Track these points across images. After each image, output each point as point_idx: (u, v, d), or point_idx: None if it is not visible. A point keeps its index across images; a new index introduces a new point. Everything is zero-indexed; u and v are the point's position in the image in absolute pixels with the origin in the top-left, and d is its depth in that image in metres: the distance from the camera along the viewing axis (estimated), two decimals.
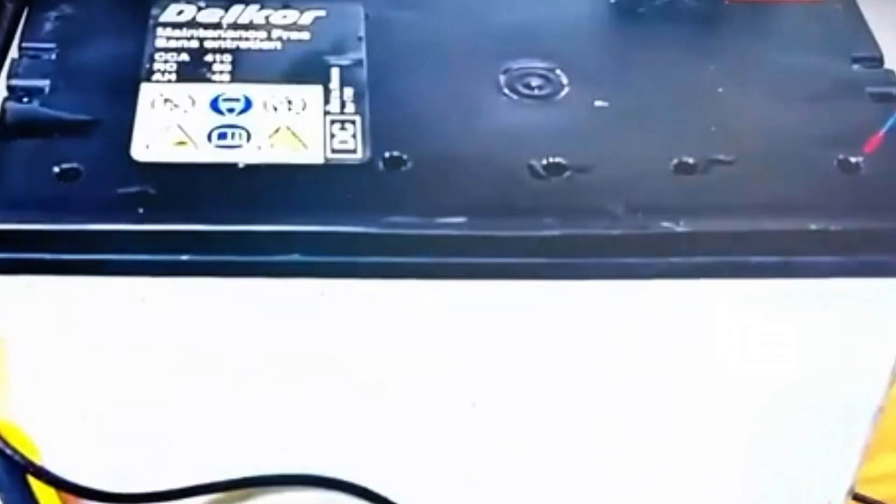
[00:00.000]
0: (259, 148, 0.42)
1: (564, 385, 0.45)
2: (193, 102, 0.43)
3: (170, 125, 0.42)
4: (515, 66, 0.45)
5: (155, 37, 0.45)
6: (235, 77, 0.44)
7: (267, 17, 0.46)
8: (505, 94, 0.44)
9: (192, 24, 0.46)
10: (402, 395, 0.44)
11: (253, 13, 0.46)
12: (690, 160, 0.43)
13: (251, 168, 0.41)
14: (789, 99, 0.45)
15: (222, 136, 0.42)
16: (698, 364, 0.44)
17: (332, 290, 0.42)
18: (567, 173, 0.42)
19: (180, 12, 0.46)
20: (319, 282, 0.41)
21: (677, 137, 0.43)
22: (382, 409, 0.45)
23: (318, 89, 0.44)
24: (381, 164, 0.42)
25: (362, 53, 0.45)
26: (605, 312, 0.43)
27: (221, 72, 0.44)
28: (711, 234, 0.41)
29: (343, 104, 0.43)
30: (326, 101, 0.44)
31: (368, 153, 0.42)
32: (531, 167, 0.42)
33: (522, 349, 0.44)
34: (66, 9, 0.46)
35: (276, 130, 0.43)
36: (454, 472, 0.47)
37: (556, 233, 0.41)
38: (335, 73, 0.44)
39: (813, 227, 0.41)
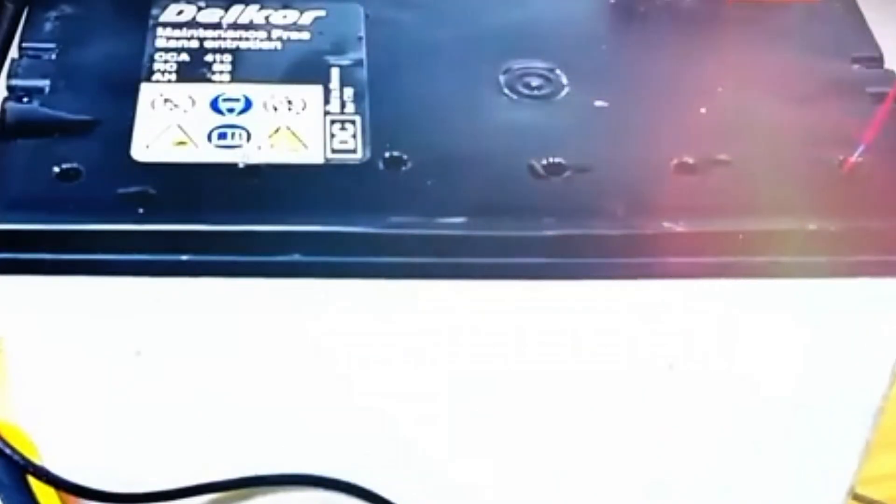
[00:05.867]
0: (259, 148, 0.42)
1: (564, 384, 0.45)
2: (193, 102, 0.43)
3: (170, 125, 0.42)
4: (515, 66, 0.45)
5: (155, 37, 0.45)
6: (235, 77, 0.44)
7: (267, 17, 0.46)
8: (505, 94, 0.44)
9: (192, 24, 0.46)
10: (401, 395, 0.44)
11: (253, 13, 0.46)
12: (690, 160, 0.43)
13: (251, 168, 0.41)
14: (789, 99, 0.45)
15: (222, 135, 0.42)
16: (698, 364, 0.44)
17: (332, 290, 0.42)
18: (567, 173, 0.42)
19: (180, 12, 0.46)
20: (319, 282, 0.41)
21: (677, 137, 0.43)
22: (382, 409, 0.45)
23: (318, 89, 0.44)
24: (381, 164, 0.42)
25: (362, 53, 0.45)
26: (605, 312, 0.43)
27: (221, 72, 0.44)
28: (711, 234, 0.41)
29: (343, 104, 0.43)
30: (326, 101, 0.44)
31: (368, 153, 0.42)
32: (531, 167, 0.42)
33: (522, 349, 0.44)
34: (66, 9, 0.46)
35: (276, 130, 0.43)
36: (454, 471, 0.47)
37: (556, 233, 0.41)
38: (335, 73, 0.44)
39: (812, 227, 0.41)
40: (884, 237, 0.42)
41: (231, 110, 0.43)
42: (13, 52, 0.44)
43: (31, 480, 0.45)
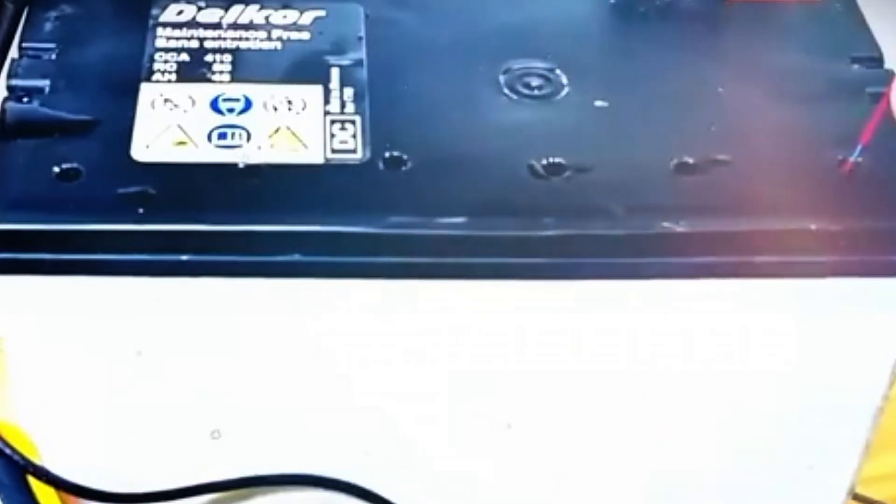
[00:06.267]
0: (259, 148, 0.42)
1: (564, 384, 0.45)
2: (193, 102, 0.43)
3: (170, 125, 0.42)
4: (515, 66, 0.45)
5: (155, 37, 0.45)
6: (235, 77, 0.44)
7: (267, 17, 0.46)
8: (505, 94, 0.44)
9: (192, 24, 0.46)
10: (401, 395, 0.44)
11: (253, 13, 0.46)
12: (690, 160, 0.43)
13: (251, 168, 0.41)
14: (789, 99, 0.45)
15: (222, 135, 0.42)
16: (698, 364, 0.44)
17: (332, 290, 0.42)
18: (567, 173, 0.42)
19: (180, 12, 0.46)
20: (319, 282, 0.41)
21: (677, 137, 0.43)
22: (382, 409, 0.45)
23: (318, 89, 0.44)
24: (381, 164, 0.42)
25: (362, 53, 0.45)
26: (605, 312, 0.43)
27: (221, 72, 0.44)
28: (711, 234, 0.41)
29: (343, 104, 0.43)
30: (326, 101, 0.44)
31: (368, 153, 0.42)
32: (531, 167, 0.42)
33: (522, 349, 0.44)
34: (66, 9, 0.46)
35: (276, 130, 0.43)
36: (454, 471, 0.47)
37: (556, 233, 0.41)
38: (335, 73, 0.44)
39: (813, 227, 0.41)
40: (884, 237, 0.42)
41: (231, 110, 0.43)
42: (13, 52, 0.44)
43: (31, 480, 0.45)
